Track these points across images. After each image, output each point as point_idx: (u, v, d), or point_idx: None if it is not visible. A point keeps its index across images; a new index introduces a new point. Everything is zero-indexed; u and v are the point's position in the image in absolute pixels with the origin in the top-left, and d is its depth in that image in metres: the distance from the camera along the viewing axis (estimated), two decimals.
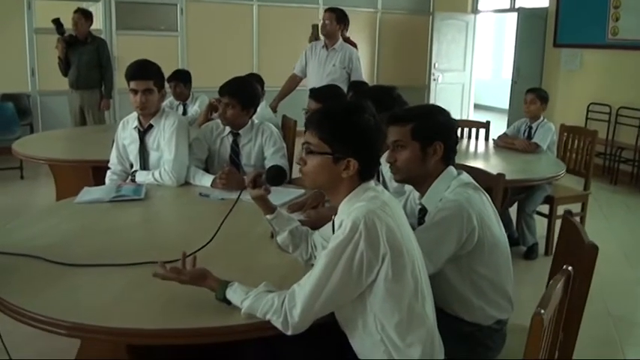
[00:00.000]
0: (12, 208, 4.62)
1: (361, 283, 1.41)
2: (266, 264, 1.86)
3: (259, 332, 1.47)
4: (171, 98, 4.64)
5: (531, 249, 3.95)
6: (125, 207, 2.44)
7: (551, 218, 3.95)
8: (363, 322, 1.46)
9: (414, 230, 1.60)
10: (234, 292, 1.50)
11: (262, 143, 2.95)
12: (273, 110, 4.56)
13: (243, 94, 2.87)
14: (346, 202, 1.51)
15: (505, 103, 8.34)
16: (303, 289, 1.42)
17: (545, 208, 4.02)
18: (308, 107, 3.08)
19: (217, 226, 1.84)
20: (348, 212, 1.46)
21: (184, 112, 4.58)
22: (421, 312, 1.47)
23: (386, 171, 2.19)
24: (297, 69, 4.96)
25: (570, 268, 1.48)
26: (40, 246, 1.89)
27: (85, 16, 5.31)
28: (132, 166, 2.93)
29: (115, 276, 1.71)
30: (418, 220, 1.84)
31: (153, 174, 2.77)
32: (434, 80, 8.91)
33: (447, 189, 1.76)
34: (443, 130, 1.80)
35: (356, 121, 1.50)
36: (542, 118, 4.17)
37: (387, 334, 1.44)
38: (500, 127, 6.13)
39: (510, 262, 1.83)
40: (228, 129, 2.95)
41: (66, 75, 5.41)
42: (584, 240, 1.69)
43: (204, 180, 2.76)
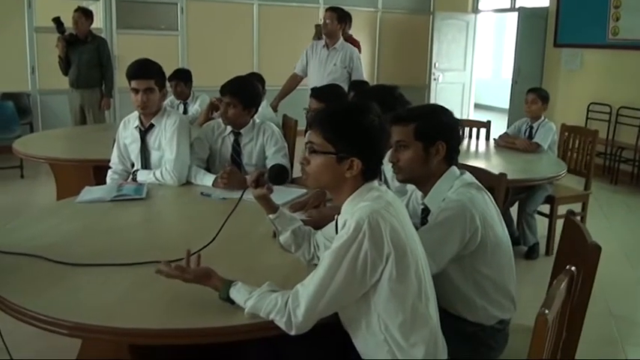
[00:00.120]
0: (12, 207, 4.62)
1: (365, 283, 1.41)
2: (268, 264, 1.86)
3: (262, 332, 1.47)
4: (172, 97, 4.64)
5: (532, 249, 3.95)
6: (126, 206, 2.43)
7: (552, 218, 3.95)
8: (366, 322, 1.46)
9: (417, 230, 1.60)
10: (238, 292, 1.49)
11: (264, 143, 2.94)
12: (274, 109, 4.56)
13: (244, 93, 2.87)
14: (350, 202, 1.51)
15: (505, 103, 8.34)
16: (306, 288, 1.42)
17: (545, 208, 4.02)
18: (309, 107, 3.08)
19: (219, 226, 1.83)
20: (351, 212, 1.45)
21: (185, 112, 4.59)
22: (425, 312, 1.46)
23: (388, 170, 2.18)
24: (297, 68, 4.96)
25: (574, 268, 1.48)
26: (41, 245, 1.88)
27: (85, 14, 5.31)
28: (133, 166, 2.92)
29: (117, 276, 1.71)
30: (421, 220, 1.84)
31: (154, 173, 2.76)
32: (434, 80, 8.92)
33: (450, 189, 1.76)
34: (446, 130, 1.80)
35: (360, 121, 1.49)
36: (543, 118, 4.17)
37: (391, 334, 1.44)
38: (500, 126, 6.12)
39: (513, 262, 1.84)
40: (229, 128, 2.95)
41: (66, 74, 5.41)
42: (587, 240, 1.68)
43: (205, 179, 2.75)
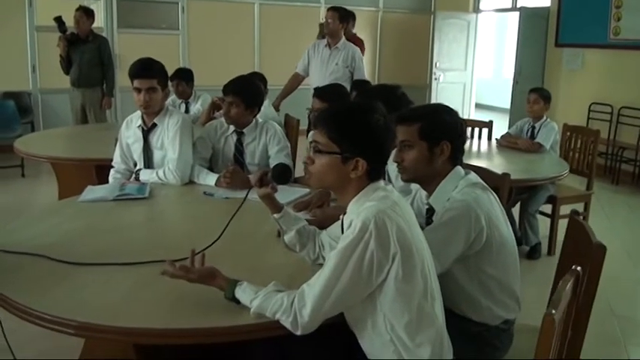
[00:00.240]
0: (13, 207, 4.62)
1: (371, 283, 1.40)
2: (273, 263, 1.86)
3: (268, 332, 1.46)
4: (174, 97, 4.64)
5: (534, 249, 3.94)
6: (129, 206, 2.43)
7: (554, 218, 3.95)
8: (372, 322, 1.45)
9: (422, 230, 1.59)
10: (244, 292, 1.49)
11: (266, 142, 2.94)
12: (276, 109, 4.56)
13: (247, 92, 2.87)
14: (355, 202, 1.50)
15: (506, 103, 8.34)
16: (312, 288, 1.41)
17: (547, 208, 4.01)
18: (312, 106, 3.08)
19: (222, 225, 1.83)
20: (357, 212, 1.45)
21: (187, 111, 4.59)
22: (430, 312, 1.46)
23: (392, 170, 2.17)
24: (299, 68, 4.96)
25: (579, 268, 1.48)
26: (44, 245, 1.88)
27: (86, 14, 5.30)
28: (135, 165, 2.92)
29: (120, 275, 1.70)
30: (426, 220, 1.84)
31: (157, 173, 2.76)
32: (435, 79, 8.92)
33: (455, 189, 1.75)
34: (450, 129, 1.79)
35: (365, 121, 1.48)
36: (545, 118, 4.17)
37: (397, 334, 1.43)
38: (501, 126, 6.12)
39: (518, 261, 1.83)
40: (232, 128, 2.94)
41: (67, 73, 5.40)
42: (592, 240, 1.68)
43: (208, 179, 2.75)
